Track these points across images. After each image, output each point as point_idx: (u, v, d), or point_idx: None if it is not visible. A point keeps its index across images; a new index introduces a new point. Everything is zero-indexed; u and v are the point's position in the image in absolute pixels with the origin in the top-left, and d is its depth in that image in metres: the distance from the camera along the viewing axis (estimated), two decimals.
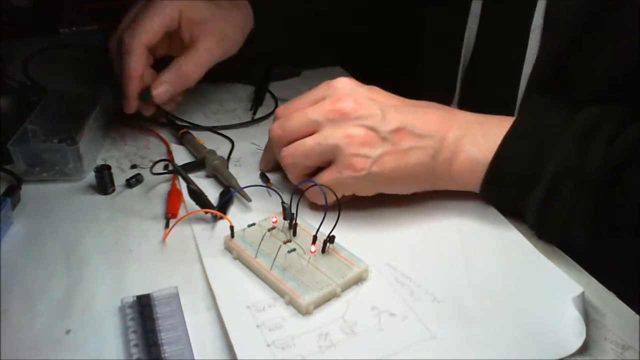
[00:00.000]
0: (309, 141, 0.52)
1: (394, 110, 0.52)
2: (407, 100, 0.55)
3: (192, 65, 0.66)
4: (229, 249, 0.51)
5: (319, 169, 0.53)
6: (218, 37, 0.67)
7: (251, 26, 0.73)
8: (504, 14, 0.62)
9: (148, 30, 0.63)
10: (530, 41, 0.59)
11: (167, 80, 0.65)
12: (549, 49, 0.58)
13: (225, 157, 0.64)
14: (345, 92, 0.52)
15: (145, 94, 0.65)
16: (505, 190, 0.52)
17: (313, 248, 0.49)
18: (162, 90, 0.65)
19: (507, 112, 0.55)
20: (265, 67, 0.90)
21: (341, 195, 0.53)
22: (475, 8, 0.65)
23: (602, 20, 0.53)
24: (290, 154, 0.54)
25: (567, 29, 0.56)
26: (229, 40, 0.69)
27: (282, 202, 0.52)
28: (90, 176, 0.61)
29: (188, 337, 0.42)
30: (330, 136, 0.51)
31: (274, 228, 0.52)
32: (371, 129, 0.51)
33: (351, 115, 0.51)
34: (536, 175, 0.49)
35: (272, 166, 0.62)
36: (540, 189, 0.49)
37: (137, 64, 0.63)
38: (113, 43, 0.67)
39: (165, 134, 0.71)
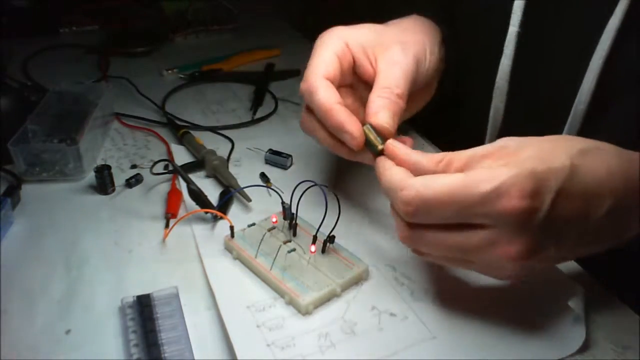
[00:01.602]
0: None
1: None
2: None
3: (390, 78, 0.51)
4: (229, 249, 0.51)
5: None
6: (399, 46, 0.53)
7: (438, 36, 0.60)
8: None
9: (319, 63, 0.51)
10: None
11: (378, 106, 0.49)
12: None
13: (225, 157, 0.64)
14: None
15: (369, 136, 0.48)
16: None
17: (313, 248, 0.49)
18: (383, 118, 0.48)
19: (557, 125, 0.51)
20: (265, 67, 0.90)
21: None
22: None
23: None
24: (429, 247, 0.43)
25: None
26: (413, 46, 0.54)
27: (282, 202, 0.52)
28: (90, 176, 0.61)
29: (188, 337, 0.42)
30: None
31: (274, 228, 0.52)
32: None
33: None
34: None
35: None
36: None
37: (326, 94, 0.49)
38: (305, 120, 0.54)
39: (165, 134, 0.71)
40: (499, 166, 0.39)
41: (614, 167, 0.40)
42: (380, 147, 0.46)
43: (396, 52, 0.53)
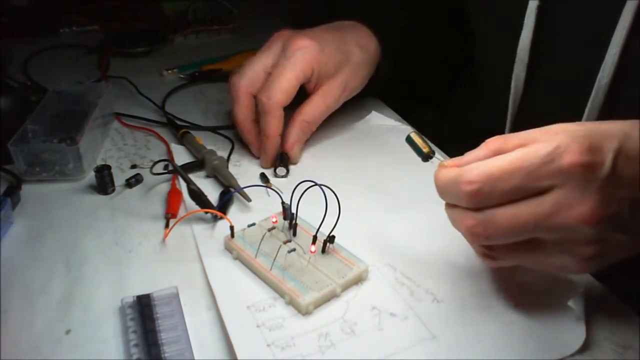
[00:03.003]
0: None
1: None
2: None
3: (316, 114, 0.65)
4: (229, 249, 0.51)
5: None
6: (342, 85, 0.66)
7: (373, 68, 0.70)
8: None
9: (285, 92, 0.62)
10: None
11: (296, 139, 0.64)
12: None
13: (225, 157, 0.64)
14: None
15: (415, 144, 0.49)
16: None
17: (313, 248, 0.49)
18: (296, 151, 0.64)
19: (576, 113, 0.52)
20: None
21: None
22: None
23: None
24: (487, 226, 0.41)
25: None
26: (351, 88, 0.67)
27: (282, 202, 0.52)
28: (90, 176, 0.61)
29: (188, 337, 0.42)
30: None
31: (274, 228, 0.52)
32: None
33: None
34: None
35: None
36: None
37: (275, 125, 0.62)
38: (236, 84, 0.67)
39: (165, 134, 0.71)
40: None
41: None
42: (425, 150, 0.47)
43: (334, 88, 0.65)
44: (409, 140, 0.48)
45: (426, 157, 0.46)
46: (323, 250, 0.49)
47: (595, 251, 0.39)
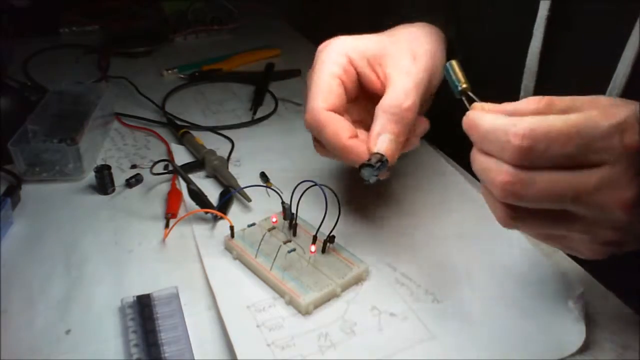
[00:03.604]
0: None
1: None
2: None
3: (394, 97, 0.48)
4: (229, 249, 0.51)
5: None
6: (409, 56, 0.51)
7: (445, 44, 0.58)
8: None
9: (321, 91, 0.49)
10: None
11: (379, 129, 0.48)
12: None
13: (225, 157, 0.64)
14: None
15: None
16: None
17: (313, 248, 0.49)
18: (382, 141, 0.47)
19: None
20: (265, 67, 0.90)
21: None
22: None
23: None
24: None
25: None
26: (425, 56, 0.52)
27: (282, 202, 0.52)
28: (90, 176, 0.61)
29: (188, 337, 0.42)
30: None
31: (274, 228, 0.52)
32: None
33: None
34: None
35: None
36: None
37: (334, 130, 0.48)
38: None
39: (165, 134, 0.71)
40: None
41: None
42: (463, 86, 0.42)
43: (407, 63, 0.51)
44: (448, 68, 0.43)
45: (461, 93, 0.42)
46: (323, 250, 0.49)
47: (617, 238, 0.38)
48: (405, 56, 0.51)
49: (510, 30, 0.58)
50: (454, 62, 0.43)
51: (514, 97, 0.58)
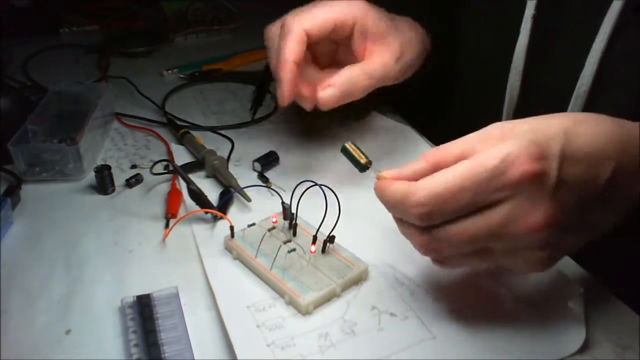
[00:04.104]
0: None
1: None
2: None
3: (363, 75, 0.56)
4: (229, 249, 0.51)
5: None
6: (396, 54, 0.58)
7: (424, 53, 0.63)
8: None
9: (314, 18, 0.55)
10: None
11: (334, 83, 0.55)
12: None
13: (225, 157, 0.64)
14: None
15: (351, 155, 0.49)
16: None
17: (313, 248, 0.49)
18: (328, 92, 0.55)
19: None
20: (265, 67, 0.90)
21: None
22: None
23: None
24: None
25: None
26: (407, 62, 0.59)
27: (282, 202, 0.52)
28: (90, 176, 0.61)
29: (188, 337, 0.42)
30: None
31: (274, 228, 0.52)
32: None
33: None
34: None
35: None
36: None
37: (295, 47, 0.54)
38: (273, 30, 0.59)
39: (165, 134, 0.71)
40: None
41: (610, 131, 0.40)
42: (363, 161, 0.46)
43: (389, 59, 0.57)
44: (345, 150, 0.47)
45: (364, 167, 0.46)
46: (323, 250, 0.49)
47: (547, 255, 0.40)
48: (390, 48, 0.58)
49: (498, 29, 0.59)
50: (346, 145, 0.47)
51: (501, 94, 0.59)
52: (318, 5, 0.56)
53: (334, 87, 0.55)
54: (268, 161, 0.64)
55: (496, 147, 0.38)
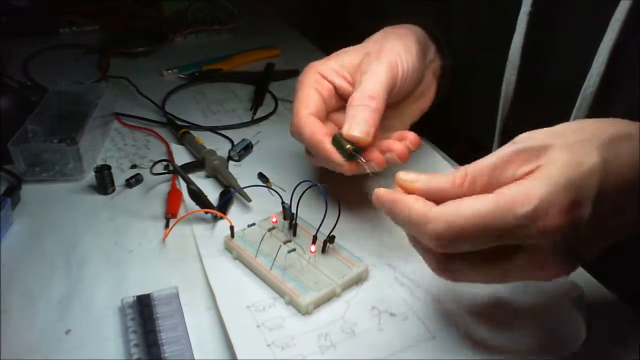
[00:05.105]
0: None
1: None
2: None
3: (361, 90, 0.52)
4: (229, 249, 0.51)
5: None
6: (370, 58, 0.55)
7: (417, 37, 0.60)
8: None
9: (300, 102, 0.54)
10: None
11: (352, 114, 0.51)
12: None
13: (225, 157, 0.64)
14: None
15: (339, 141, 0.50)
16: None
17: (313, 248, 0.49)
18: (353, 125, 0.50)
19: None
20: (265, 67, 0.90)
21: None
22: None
23: None
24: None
25: None
26: (385, 53, 0.55)
27: (282, 202, 0.52)
28: (90, 176, 0.61)
29: (188, 337, 0.42)
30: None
31: (274, 228, 0.52)
32: None
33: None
34: None
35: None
36: None
37: (309, 130, 0.51)
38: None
39: (165, 134, 0.71)
40: (528, 178, 0.36)
41: None
42: (348, 146, 0.48)
43: (367, 64, 0.54)
44: (335, 140, 0.49)
45: (350, 155, 0.49)
46: (323, 250, 0.49)
47: (568, 274, 0.39)
48: (371, 62, 0.55)
49: (494, 25, 0.60)
50: (337, 135, 0.50)
51: (497, 90, 0.59)
52: (298, 87, 0.55)
53: (353, 117, 0.51)
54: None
55: (528, 191, 0.35)
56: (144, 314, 0.44)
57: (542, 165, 0.36)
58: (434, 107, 0.63)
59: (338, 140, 0.50)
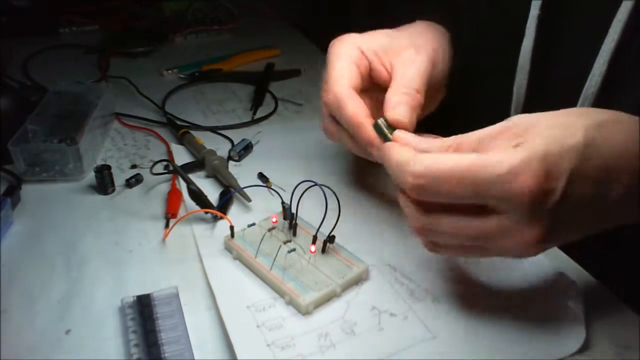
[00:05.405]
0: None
1: None
2: None
3: (405, 81, 0.52)
4: (229, 249, 0.51)
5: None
6: (412, 48, 0.54)
7: (447, 39, 0.60)
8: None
9: (341, 73, 0.52)
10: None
11: (392, 100, 0.50)
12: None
13: (225, 157, 0.64)
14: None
15: (380, 128, 0.49)
16: None
17: (313, 248, 0.49)
18: (398, 110, 0.49)
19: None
20: (265, 67, 0.90)
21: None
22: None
23: None
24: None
25: None
26: (425, 48, 0.55)
27: (282, 202, 0.52)
28: (90, 176, 0.61)
29: (188, 337, 0.42)
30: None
31: (274, 228, 0.52)
32: None
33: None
34: None
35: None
36: None
37: (355, 108, 0.50)
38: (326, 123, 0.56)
39: (165, 134, 0.71)
40: (511, 146, 0.38)
41: (631, 141, 0.39)
42: (389, 134, 0.47)
43: (411, 54, 0.54)
44: (377, 126, 0.48)
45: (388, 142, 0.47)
46: (323, 250, 0.49)
47: (538, 251, 0.40)
48: (408, 49, 0.54)
49: (503, 29, 0.59)
50: (381, 120, 0.48)
51: (508, 94, 0.59)
52: (328, 66, 0.54)
53: (396, 101, 0.51)
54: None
55: (508, 154, 0.37)
56: (144, 314, 0.43)
57: (527, 140, 0.38)
58: (438, 109, 0.63)
59: (379, 127, 0.48)
